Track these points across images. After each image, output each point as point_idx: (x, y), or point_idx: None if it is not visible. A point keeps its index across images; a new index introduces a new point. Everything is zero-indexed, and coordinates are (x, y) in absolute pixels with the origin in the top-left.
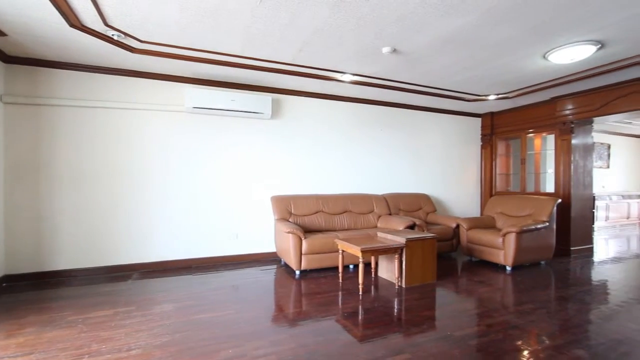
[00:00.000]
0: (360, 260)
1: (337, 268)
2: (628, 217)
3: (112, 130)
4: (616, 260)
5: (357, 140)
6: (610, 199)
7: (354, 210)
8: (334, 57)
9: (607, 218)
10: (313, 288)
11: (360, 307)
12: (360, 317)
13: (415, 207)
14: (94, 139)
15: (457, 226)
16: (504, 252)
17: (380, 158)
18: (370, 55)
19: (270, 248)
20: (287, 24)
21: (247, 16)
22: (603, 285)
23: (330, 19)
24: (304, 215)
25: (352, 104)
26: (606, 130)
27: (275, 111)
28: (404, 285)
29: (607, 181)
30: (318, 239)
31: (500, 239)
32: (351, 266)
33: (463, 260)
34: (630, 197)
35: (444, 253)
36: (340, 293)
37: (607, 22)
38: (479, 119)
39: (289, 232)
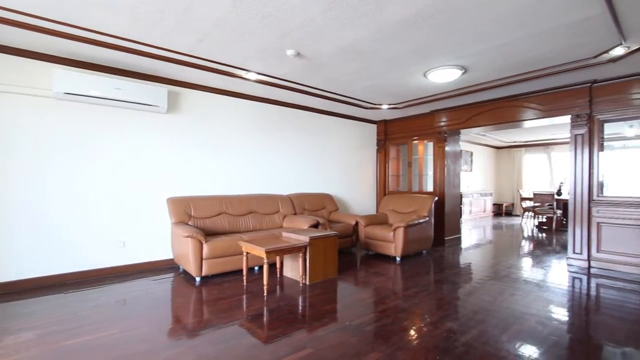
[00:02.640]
0: (265, 261)
1: (241, 271)
2: (484, 211)
3: None
4: (477, 246)
5: (264, 141)
6: (473, 196)
7: (260, 211)
8: (238, 54)
9: (470, 212)
10: (215, 294)
11: (265, 308)
12: (265, 319)
13: (319, 206)
14: None
15: (356, 223)
16: (395, 244)
17: (287, 159)
18: (275, 57)
19: (167, 255)
20: (184, 11)
21: None
22: (467, 268)
23: (232, 14)
24: (205, 218)
25: (259, 104)
26: (470, 141)
27: (173, 105)
28: (307, 283)
29: (470, 182)
30: (221, 242)
31: (392, 233)
32: (256, 268)
33: (361, 255)
34: (486, 194)
35: (345, 249)
36: (244, 296)
37: (467, 52)
38: (375, 126)
39: (187, 236)
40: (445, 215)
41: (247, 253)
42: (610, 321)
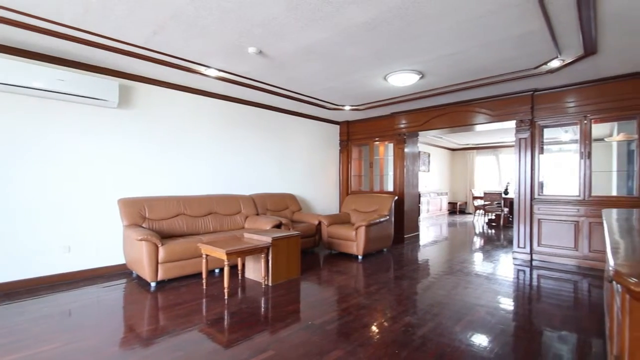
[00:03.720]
0: (226, 263)
1: (201, 274)
2: (441, 209)
3: None
4: (434, 242)
5: (225, 139)
6: (430, 195)
7: (220, 211)
8: (197, 49)
9: (428, 210)
10: (172, 299)
11: (225, 311)
12: (225, 322)
13: (282, 206)
14: None
15: (319, 223)
16: (357, 243)
17: (249, 158)
18: (236, 54)
19: (118, 260)
20: (137, 1)
21: None
22: (425, 264)
23: (189, 6)
24: (161, 220)
25: (220, 101)
26: (428, 142)
27: (126, 100)
28: (270, 284)
29: (427, 182)
30: (179, 245)
31: (354, 232)
32: (217, 270)
33: (324, 254)
34: (442, 194)
35: (308, 249)
36: (204, 300)
37: (424, 58)
38: (338, 126)
39: (141, 239)
40: (404, 214)
41: (207, 255)
42: (549, 308)
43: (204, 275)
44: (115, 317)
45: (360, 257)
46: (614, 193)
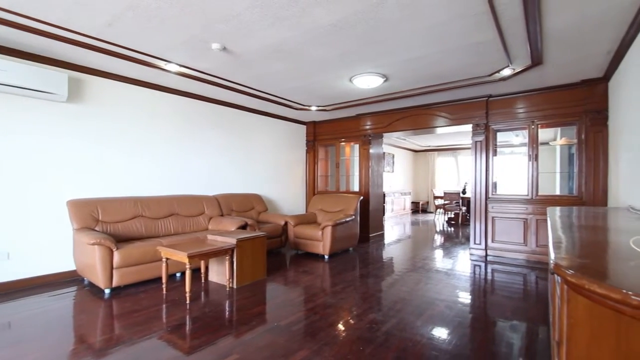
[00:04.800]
0: (187, 266)
1: (161, 279)
2: (404, 209)
3: None
4: (397, 241)
5: (189, 138)
6: (394, 195)
7: (182, 213)
8: (156, 42)
9: (392, 210)
10: (129, 306)
11: (187, 317)
12: (187, 328)
13: (247, 207)
14: None
15: (286, 223)
16: (323, 243)
17: (213, 158)
18: (199, 49)
19: (68, 266)
20: None
21: None
22: (389, 262)
23: None
24: (117, 222)
25: (182, 98)
26: (392, 144)
27: (76, 94)
28: (235, 286)
29: (392, 182)
30: (136, 248)
31: (320, 232)
32: (178, 274)
33: (291, 254)
34: (405, 194)
35: (275, 249)
36: (164, 306)
37: (388, 62)
38: (305, 127)
39: (94, 243)
40: (369, 214)
41: (167, 259)
42: (501, 300)
43: (164, 280)
44: (64, 328)
45: (326, 256)
46: (558, 192)
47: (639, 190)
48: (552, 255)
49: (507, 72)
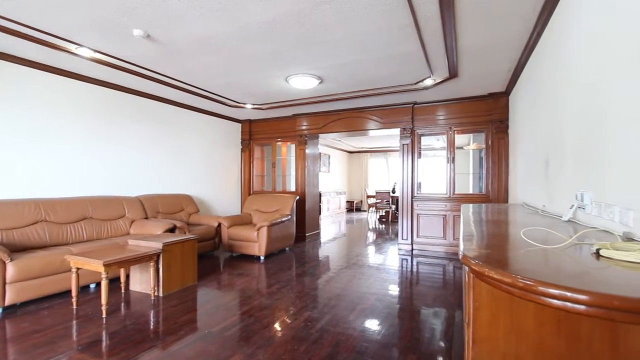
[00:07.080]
0: (103, 276)
1: (70, 292)
2: (340, 208)
3: None
4: (333, 239)
5: (107, 132)
6: (330, 195)
7: (98, 216)
8: (64, 22)
9: (328, 209)
10: (28, 327)
11: (104, 332)
12: (104, 345)
13: (176, 208)
14: None
15: (219, 225)
16: (258, 244)
17: (136, 155)
18: (117, 34)
19: None
20: None
21: None
22: (325, 260)
23: None
24: (11, 229)
25: (99, 88)
26: (328, 145)
27: None
28: (161, 294)
29: (328, 182)
30: (37, 259)
31: (256, 233)
32: (92, 285)
33: (225, 257)
34: (340, 193)
35: (207, 252)
36: (74, 322)
37: (321, 64)
38: (240, 125)
39: None
40: (306, 213)
41: (78, 269)
42: (425, 290)
43: (73, 293)
44: None
45: (262, 257)
46: (471, 191)
47: (531, 189)
48: (461, 247)
49: (429, 82)
